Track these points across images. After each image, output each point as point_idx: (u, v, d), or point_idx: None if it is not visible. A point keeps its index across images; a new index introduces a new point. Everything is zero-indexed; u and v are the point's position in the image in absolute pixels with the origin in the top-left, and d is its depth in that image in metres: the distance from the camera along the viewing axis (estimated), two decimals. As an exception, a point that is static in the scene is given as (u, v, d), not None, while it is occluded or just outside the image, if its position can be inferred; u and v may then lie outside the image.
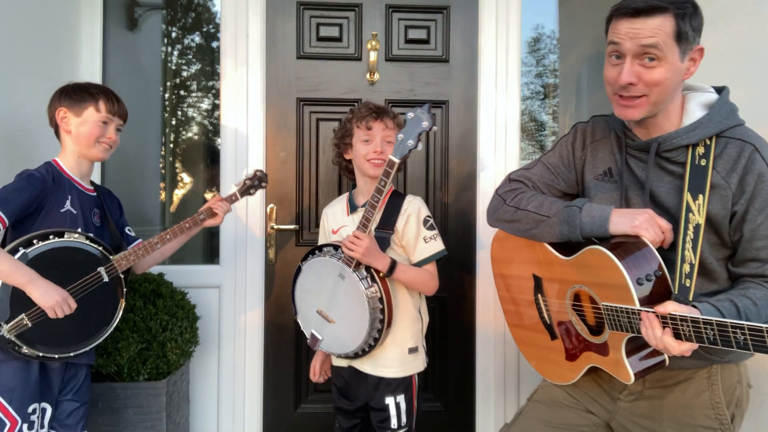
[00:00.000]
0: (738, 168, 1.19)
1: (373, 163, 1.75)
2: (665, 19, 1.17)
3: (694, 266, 1.19)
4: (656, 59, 1.18)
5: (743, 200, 1.19)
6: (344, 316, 1.70)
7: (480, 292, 2.46)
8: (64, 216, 1.60)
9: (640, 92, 1.22)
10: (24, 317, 1.47)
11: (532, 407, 1.49)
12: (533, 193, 1.43)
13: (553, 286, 1.40)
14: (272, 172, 2.41)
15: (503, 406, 2.46)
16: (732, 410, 1.28)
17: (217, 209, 1.86)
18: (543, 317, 1.46)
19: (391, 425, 1.76)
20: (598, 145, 1.41)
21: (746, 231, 1.19)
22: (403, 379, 1.77)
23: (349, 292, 1.67)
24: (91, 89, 1.68)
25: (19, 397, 1.50)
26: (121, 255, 1.68)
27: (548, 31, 2.74)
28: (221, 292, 2.41)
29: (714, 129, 1.22)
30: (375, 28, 2.42)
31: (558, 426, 1.41)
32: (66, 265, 1.55)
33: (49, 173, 1.61)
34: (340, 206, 1.89)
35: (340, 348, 1.73)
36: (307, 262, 1.77)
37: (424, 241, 1.76)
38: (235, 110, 2.40)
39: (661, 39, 1.17)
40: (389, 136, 1.77)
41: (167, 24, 2.71)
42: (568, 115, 2.81)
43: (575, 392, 1.43)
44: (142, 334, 1.97)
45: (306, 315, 1.80)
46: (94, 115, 1.66)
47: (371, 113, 1.77)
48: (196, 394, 2.39)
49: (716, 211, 1.20)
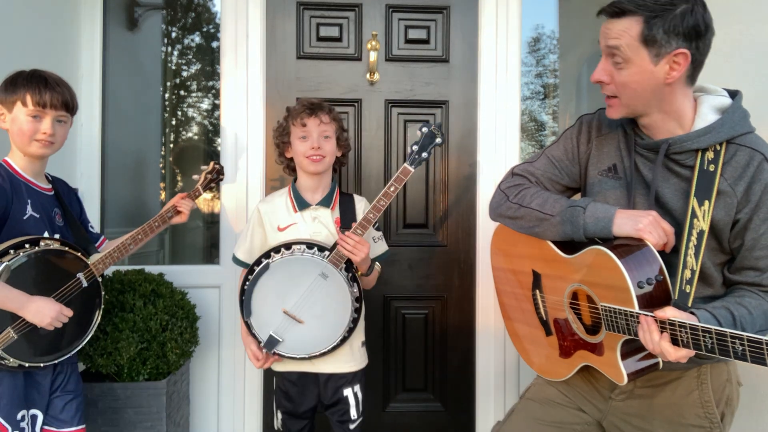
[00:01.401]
0: (746, 176, 1.19)
1: (312, 159, 1.75)
2: (632, 21, 1.17)
3: (695, 273, 1.19)
4: (623, 61, 1.20)
5: (747, 209, 1.18)
6: (320, 317, 1.68)
7: (480, 292, 2.46)
8: (28, 222, 1.52)
9: (611, 92, 1.25)
10: (10, 330, 1.42)
11: (524, 405, 1.49)
12: (536, 190, 1.42)
13: (552, 283, 1.40)
14: (272, 172, 2.42)
15: (503, 406, 2.46)
16: (722, 408, 1.29)
17: (181, 207, 1.86)
18: (539, 313, 1.46)
19: (351, 416, 1.79)
20: (604, 139, 1.39)
21: (747, 240, 1.19)
22: (356, 372, 1.81)
23: (331, 292, 1.66)
24: (18, 79, 1.53)
25: (6, 404, 1.46)
26: (98, 259, 1.65)
27: (548, 31, 2.74)
28: (221, 292, 2.41)
29: (725, 135, 1.21)
30: (375, 28, 2.42)
31: (550, 424, 1.41)
32: (46, 273, 1.50)
33: (5, 180, 1.50)
34: (282, 202, 1.84)
35: (303, 349, 1.70)
36: (277, 261, 1.68)
37: (374, 241, 1.82)
38: (235, 110, 2.40)
39: (625, 41, 1.18)
40: (326, 131, 1.77)
41: (167, 24, 2.71)
42: (568, 115, 2.81)
43: (568, 390, 1.44)
44: (142, 334, 1.96)
45: (264, 316, 1.71)
46: (22, 110, 1.52)
47: (305, 110, 1.76)
48: (196, 394, 2.39)
49: (720, 217, 1.20)
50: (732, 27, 1.94)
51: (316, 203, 1.80)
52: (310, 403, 1.82)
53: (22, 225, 1.50)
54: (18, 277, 1.43)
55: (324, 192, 1.84)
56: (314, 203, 1.81)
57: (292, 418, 1.84)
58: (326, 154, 1.77)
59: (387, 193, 1.63)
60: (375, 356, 2.09)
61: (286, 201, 1.83)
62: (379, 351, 2.42)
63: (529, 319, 1.50)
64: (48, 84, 1.54)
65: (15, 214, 1.49)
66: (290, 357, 1.73)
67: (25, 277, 1.45)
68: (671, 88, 1.22)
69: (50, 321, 1.46)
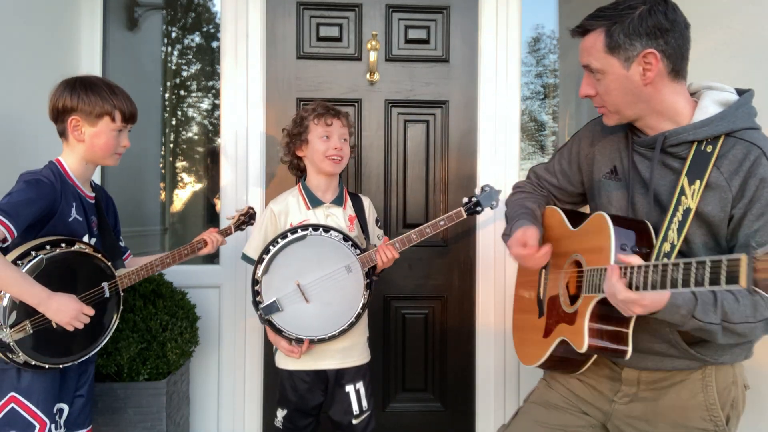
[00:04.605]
0: (742, 171, 1.17)
1: (332, 159, 1.81)
2: (596, 35, 1.24)
3: (675, 247, 1.19)
4: (598, 72, 1.26)
5: (742, 204, 1.17)
6: (325, 305, 1.72)
7: (480, 292, 2.46)
8: (72, 224, 1.53)
9: (600, 104, 1.31)
10: (27, 323, 1.42)
11: (528, 408, 1.49)
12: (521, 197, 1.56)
13: (557, 260, 1.43)
14: (272, 172, 2.42)
15: (503, 406, 2.46)
16: (727, 411, 1.28)
17: (210, 240, 1.86)
18: (539, 293, 1.48)
19: (353, 411, 1.84)
20: (607, 142, 1.41)
21: (740, 237, 1.18)
22: (360, 367, 1.86)
23: (347, 286, 1.71)
24: (104, 93, 1.55)
25: (44, 398, 1.48)
26: (125, 273, 1.66)
27: (548, 31, 2.74)
28: (221, 292, 2.41)
29: (723, 128, 1.20)
30: (375, 28, 2.42)
31: (554, 427, 1.41)
32: (72, 274, 1.51)
33: (57, 179, 1.51)
34: (294, 201, 1.88)
35: (295, 328, 1.72)
36: (315, 236, 1.73)
37: (378, 239, 1.90)
38: (235, 110, 2.40)
39: (594, 56, 1.25)
40: (344, 134, 1.86)
41: (167, 24, 2.71)
42: (568, 115, 2.82)
43: (569, 394, 1.43)
44: (142, 334, 1.97)
45: (277, 281, 1.73)
46: (110, 125, 1.56)
47: (329, 111, 1.84)
48: (196, 394, 2.39)
49: (715, 212, 1.19)
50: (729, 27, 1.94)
51: (329, 202, 1.86)
52: (317, 400, 1.86)
53: (67, 225, 1.52)
54: (47, 272, 1.43)
55: (335, 192, 1.90)
56: (327, 202, 1.86)
57: (300, 413, 1.87)
58: (345, 156, 1.84)
59: (436, 225, 1.76)
60: (375, 356, 2.09)
61: (297, 199, 1.88)
62: (379, 351, 2.41)
63: (529, 305, 1.53)
64: (130, 98, 1.60)
65: (62, 215, 1.50)
66: (278, 329, 1.74)
67: (54, 274, 1.45)
68: (654, 87, 1.23)
69: (69, 320, 1.45)
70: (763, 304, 1.14)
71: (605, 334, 1.22)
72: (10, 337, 1.39)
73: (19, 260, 1.41)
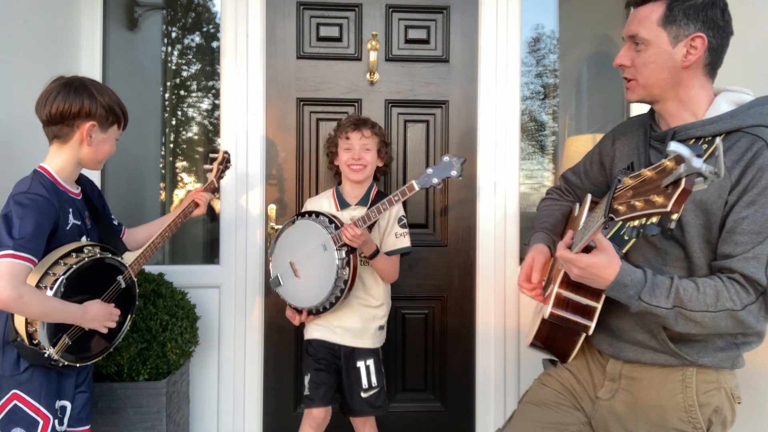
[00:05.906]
0: (743, 161, 1.18)
1: (352, 168, 2.01)
2: (655, 6, 1.26)
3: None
4: (642, 43, 1.27)
5: (736, 191, 1.18)
6: (310, 279, 1.92)
7: (480, 292, 2.46)
8: (72, 231, 1.54)
9: (631, 75, 1.32)
10: (65, 337, 1.48)
11: (523, 409, 1.51)
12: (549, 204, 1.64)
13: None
14: (272, 172, 2.42)
15: (503, 406, 2.46)
16: (708, 416, 1.27)
17: (200, 200, 1.91)
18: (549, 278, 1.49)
19: (362, 384, 2.00)
20: (626, 140, 1.45)
21: (728, 222, 1.18)
22: (372, 350, 2.04)
23: (323, 263, 1.87)
24: (116, 99, 1.58)
25: (45, 394, 1.50)
26: (133, 260, 1.70)
27: (548, 31, 2.74)
28: (221, 292, 2.41)
29: (732, 125, 1.21)
30: (375, 28, 2.42)
31: (548, 425, 1.43)
32: (90, 281, 1.54)
33: (51, 194, 1.46)
34: (327, 201, 2.10)
35: (293, 300, 1.98)
36: (302, 220, 1.95)
37: (395, 236, 2.05)
38: (235, 110, 2.40)
39: (644, 26, 1.26)
40: (367, 144, 2.02)
41: (167, 24, 2.71)
42: (568, 115, 2.81)
43: (562, 389, 1.47)
44: (142, 334, 1.97)
45: (278, 260, 2.01)
46: (116, 132, 1.61)
47: (350, 125, 2.04)
48: (196, 394, 2.39)
49: (713, 199, 1.20)
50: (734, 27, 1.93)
51: (354, 204, 2.06)
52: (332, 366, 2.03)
53: (65, 234, 1.52)
54: (70, 289, 1.47)
55: (360, 195, 2.07)
56: (353, 204, 2.06)
57: (322, 372, 2.01)
58: (366, 164, 2.01)
59: (391, 200, 1.83)
60: (375, 356, 2.11)
61: (330, 201, 2.10)
62: (379, 351, 2.42)
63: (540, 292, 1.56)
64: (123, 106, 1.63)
65: (62, 226, 1.51)
66: (287, 301, 2.00)
67: (76, 286, 1.48)
68: (688, 73, 1.25)
69: (102, 324, 1.54)
70: (726, 295, 1.15)
71: (571, 304, 1.26)
72: (56, 354, 1.47)
73: (41, 284, 1.43)
